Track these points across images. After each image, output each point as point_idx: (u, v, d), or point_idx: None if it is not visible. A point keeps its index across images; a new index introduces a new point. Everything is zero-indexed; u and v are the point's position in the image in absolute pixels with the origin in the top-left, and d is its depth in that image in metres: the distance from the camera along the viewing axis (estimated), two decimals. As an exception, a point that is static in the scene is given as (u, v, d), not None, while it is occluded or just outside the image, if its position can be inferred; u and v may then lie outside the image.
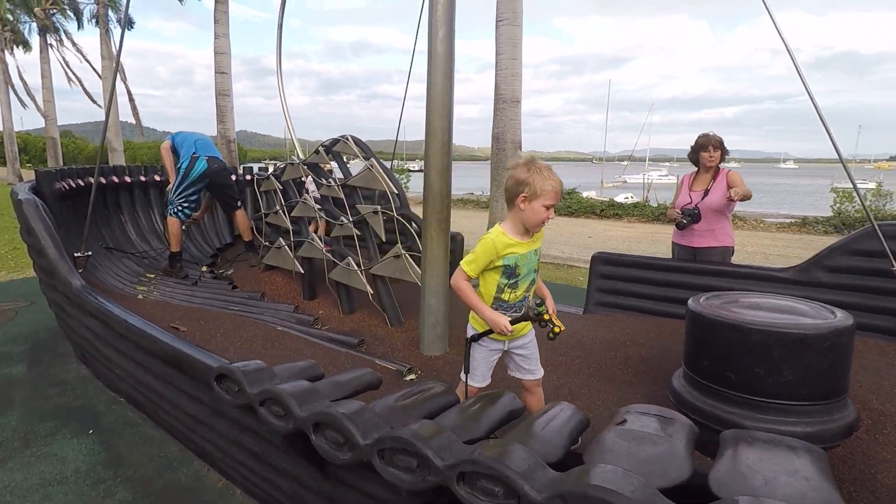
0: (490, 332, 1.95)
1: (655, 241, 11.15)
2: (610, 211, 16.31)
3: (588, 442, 1.22)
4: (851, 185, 3.18)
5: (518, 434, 1.20)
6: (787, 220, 14.51)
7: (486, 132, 8.88)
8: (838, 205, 12.85)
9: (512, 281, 1.94)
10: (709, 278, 3.28)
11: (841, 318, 1.93)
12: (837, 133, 3.09)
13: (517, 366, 2.09)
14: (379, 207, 3.65)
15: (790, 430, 1.78)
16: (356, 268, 3.63)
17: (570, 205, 17.19)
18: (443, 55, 2.79)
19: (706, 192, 3.61)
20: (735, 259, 3.73)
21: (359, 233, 3.82)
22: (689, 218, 3.58)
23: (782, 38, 2.67)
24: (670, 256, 3.87)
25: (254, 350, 2.85)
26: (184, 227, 4.92)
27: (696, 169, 3.77)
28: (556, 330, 1.83)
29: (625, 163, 45.27)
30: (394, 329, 3.42)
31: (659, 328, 3.20)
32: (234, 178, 5.60)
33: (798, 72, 2.69)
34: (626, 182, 36.42)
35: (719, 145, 3.61)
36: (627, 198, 19.46)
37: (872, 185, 14.82)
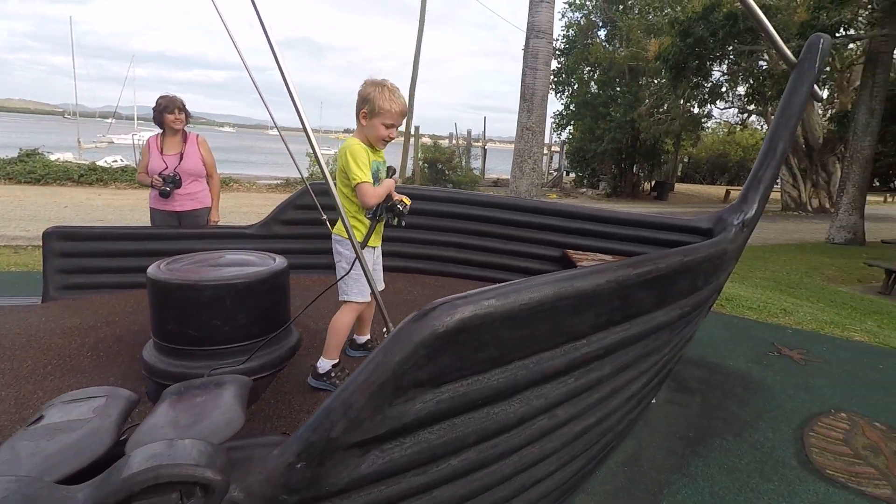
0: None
1: (150, 208, 10.39)
2: (92, 176, 14.03)
3: None
4: (314, 152, 3.89)
5: None
6: (276, 182, 16.58)
7: None
8: (311, 168, 15.80)
9: (376, 185, 2.12)
10: (187, 242, 3.32)
11: (278, 262, 2.34)
12: (306, 106, 3.60)
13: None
14: None
15: (247, 366, 2.06)
16: None
17: (35, 169, 13.70)
18: None
19: (181, 157, 3.59)
20: (233, 219, 3.92)
21: None
22: (172, 184, 3.49)
23: (258, 15, 2.87)
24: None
25: None
26: None
27: (161, 131, 3.66)
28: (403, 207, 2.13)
29: (110, 120, 39.14)
30: None
31: (136, 302, 3.02)
32: None
33: (271, 47, 2.97)
34: (113, 142, 31.84)
35: (183, 107, 3.63)
36: (116, 161, 17.14)
37: (332, 152, 19.11)
